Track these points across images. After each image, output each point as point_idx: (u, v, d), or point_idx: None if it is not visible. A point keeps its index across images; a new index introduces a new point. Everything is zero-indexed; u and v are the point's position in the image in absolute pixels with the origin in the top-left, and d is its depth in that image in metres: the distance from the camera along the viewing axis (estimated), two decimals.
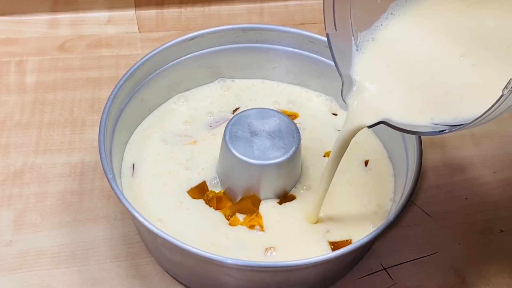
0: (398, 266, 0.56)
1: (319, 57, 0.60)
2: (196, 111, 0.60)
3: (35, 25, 0.71)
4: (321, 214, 0.53)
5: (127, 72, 0.56)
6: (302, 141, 0.54)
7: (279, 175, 0.53)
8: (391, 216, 0.48)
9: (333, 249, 0.51)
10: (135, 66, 0.56)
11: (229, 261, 0.46)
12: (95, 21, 0.72)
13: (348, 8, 0.48)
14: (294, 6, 0.75)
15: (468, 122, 0.39)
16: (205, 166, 0.56)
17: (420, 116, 0.44)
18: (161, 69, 0.59)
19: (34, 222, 0.56)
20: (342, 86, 0.47)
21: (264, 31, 0.60)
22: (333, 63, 0.59)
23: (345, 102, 0.47)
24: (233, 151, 0.52)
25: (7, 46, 0.69)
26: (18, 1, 0.71)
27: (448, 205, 0.60)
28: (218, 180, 0.55)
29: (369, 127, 0.46)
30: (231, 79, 0.62)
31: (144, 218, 0.47)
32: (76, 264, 0.54)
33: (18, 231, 0.56)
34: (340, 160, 0.49)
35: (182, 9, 0.74)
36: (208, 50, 0.60)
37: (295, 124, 0.54)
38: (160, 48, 0.58)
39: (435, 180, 0.62)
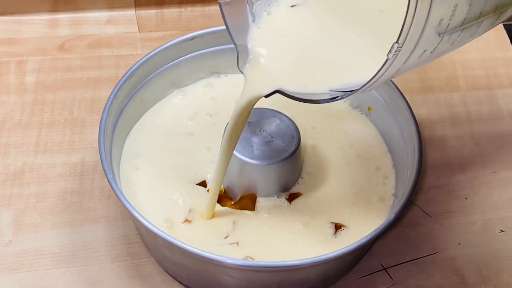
0: (398, 266, 0.56)
1: None
2: (197, 105, 0.60)
3: (35, 25, 0.71)
4: (324, 212, 0.53)
5: (127, 72, 0.56)
6: (302, 139, 0.54)
7: (279, 175, 0.53)
8: (391, 216, 0.48)
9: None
10: (135, 66, 0.56)
11: (229, 261, 0.46)
12: (95, 21, 0.72)
13: None
14: None
15: (359, 87, 0.39)
16: (206, 163, 0.56)
17: (316, 84, 0.44)
18: (161, 69, 0.59)
19: (34, 222, 0.56)
20: (237, 57, 0.47)
21: None
22: None
23: (241, 72, 0.47)
24: (237, 153, 0.52)
25: (7, 46, 0.69)
26: (18, 1, 0.71)
27: (448, 205, 0.60)
28: None
29: (266, 96, 0.46)
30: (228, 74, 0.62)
31: (144, 218, 0.47)
32: (76, 264, 0.54)
33: (18, 231, 0.56)
34: (238, 135, 0.49)
35: (182, 9, 0.74)
36: (208, 50, 0.60)
37: (295, 124, 0.54)
38: (160, 48, 0.58)
39: (435, 180, 0.62)
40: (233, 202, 0.54)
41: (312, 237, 0.52)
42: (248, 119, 0.54)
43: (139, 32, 0.72)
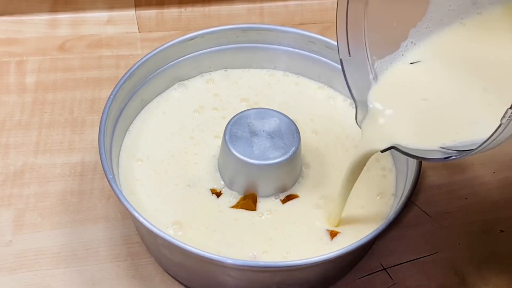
0: (398, 266, 0.56)
1: (319, 57, 0.60)
2: (199, 98, 0.60)
3: (35, 25, 0.71)
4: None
5: (127, 72, 0.56)
6: (302, 138, 0.54)
7: (279, 174, 0.53)
8: (391, 216, 0.48)
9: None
10: (135, 66, 0.56)
11: (229, 261, 0.46)
12: (95, 21, 0.72)
13: (363, 32, 0.48)
14: (294, 6, 0.75)
15: (473, 148, 0.39)
16: (207, 159, 0.56)
17: (429, 141, 0.45)
18: (161, 69, 0.59)
19: (34, 222, 0.56)
20: (356, 111, 0.48)
21: (264, 31, 0.60)
22: (333, 63, 0.60)
23: (359, 126, 0.48)
24: (233, 151, 0.52)
25: (7, 46, 0.69)
26: (18, 1, 0.71)
27: (448, 205, 0.60)
28: (219, 174, 0.55)
29: (382, 151, 0.47)
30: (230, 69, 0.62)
31: (144, 218, 0.47)
32: (76, 264, 0.54)
33: (18, 231, 0.56)
34: (354, 182, 0.50)
35: (182, 9, 0.74)
36: (208, 50, 0.60)
37: (295, 124, 0.54)
38: (160, 48, 0.58)
39: (435, 180, 0.62)
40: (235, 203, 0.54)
41: (312, 237, 0.52)
42: (248, 120, 0.54)
43: (139, 32, 0.72)
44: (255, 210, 0.53)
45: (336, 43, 0.49)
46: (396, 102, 0.48)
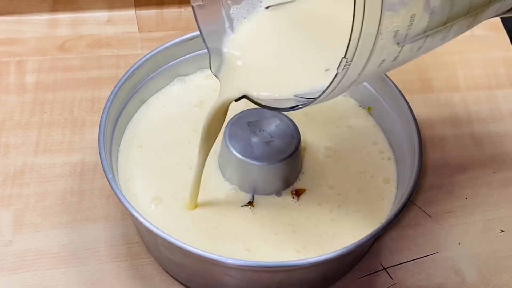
0: (398, 266, 0.56)
1: None
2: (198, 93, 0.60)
3: (35, 25, 0.71)
4: (328, 210, 0.53)
5: (127, 72, 0.56)
6: (302, 136, 0.54)
7: (279, 174, 0.53)
8: (391, 216, 0.48)
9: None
10: (135, 66, 0.56)
11: (229, 261, 0.46)
12: (95, 21, 0.72)
13: None
14: None
15: (316, 96, 0.39)
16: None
17: (282, 90, 0.45)
18: (161, 69, 0.59)
19: (34, 222, 0.56)
20: (209, 60, 0.48)
21: None
22: None
23: (216, 76, 0.48)
24: (233, 151, 0.52)
25: (7, 46, 0.69)
26: (18, 1, 0.71)
27: (448, 205, 0.60)
28: (220, 171, 0.55)
29: (236, 101, 0.46)
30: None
31: (144, 218, 0.47)
32: (76, 264, 0.54)
33: (18, 231, 0.56)
34: (214, 137, 0.49)
35: (182, 9, 0.74)
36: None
37: (295, 124, 0.54)
38: (160, 48, 0.58)
39: (435, 180, 0.62)
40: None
41: (312, 235, 0.52)
42: (248, 119, 0.54)
43: (139, 32, 0.72)
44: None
45: None
46: (250, 51, 0.47)
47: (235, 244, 0.51)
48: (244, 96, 0.46)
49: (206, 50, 0.59)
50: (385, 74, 0.57)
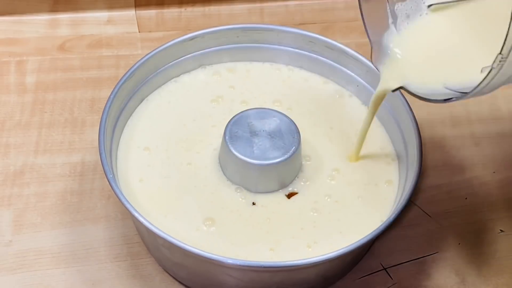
0: (398, 266, 0.56)
1: (319, 57, 0.60)
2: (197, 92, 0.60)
3: (35, 25, 0.71)
4: (329, 205, 0.54)
5: (127, 72, 0.56)
6: (303, 137, 0.54)
7: (278, 174, 0.53)
8: (391, 216, 0.48)
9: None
10: (135, 66, 0.56)
11: (229, 261, 0.46)
12: (95, 21, 0.72)
13: None
14: (294, 6, 0.75)
15: (469, 91, 0.41)
16: (208, 154, 0.56)
17: (435, 81, 0.47)
18: (161, 69, 0.59)
19: (34, 222, 0.56)
20: (371, 52, 0.51)
21: (264, 31, 0.60)
22: (333, 63, 0.60)
23: (376, 68, 0.51)
24: (233, 151, 0.52)
25: (7, 46, 0.69)
26: (18, 1, 0.71)
27: (448, 205, 0.60)
28: (220, 168, 0.55)
29: (393, 91, 0.50)
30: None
31: (144, 218, 0.47)
32: (76, 264, 0.54)
33: (18, 231, 0.56)
34: (375, 112, 0.53)
35: (182, 9, 0.74)
36: (208, 50, 0.61)
37: (295, 124, 0.54)
38: (160, 48, 0.58)
39: (435, 180, 0.62)
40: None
41: (312, 234, 0.52)
42: (248, 119, 0.54)
43: (139, 32, 0.72)
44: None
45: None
46: (412, 50, 0.50)
47: (257, 245, 0.51)
48: (401, 87, 0.49)
49: (205, 50, 0.61)
50: None
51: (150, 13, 0.73)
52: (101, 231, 0.56)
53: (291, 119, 0.54)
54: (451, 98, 0.43)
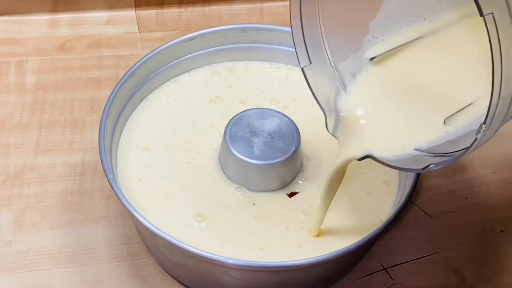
0: (398, 266, 0.56)
1: None
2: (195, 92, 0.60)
3: (35, 25, 0.71)
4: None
5: (127, 72, 0.56)
6: (303, 137, 0.54)
7: (278, 174, 0.53)
8: (391, 216, 0.48)
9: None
10: (135, 66, 0.56)
11: (229, 261, 0.46)
12: (95, 21, 0.72)
13: (320, 35, 0.47)
14: None
15: (448, 158, 0.40)
16: (208, 153, 0.56)
17: (405, 146, 0.45)
18: (161, 69, 0.59)
19: (34, 222, 0.56)
20: (326, 120, 0.48)
21: (264, 31, 0.60)
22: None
23: (334, 136, 0.48)
24: (233, 151, 0.52)
25: (7, 46, 0.69)
26: (18, 1, 0.71)
27: (448, 205, 0.60)
28: (221, 167, 0.55)
29: (358, 160, 0.46)
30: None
31: (144, 218, 0.47)
32: (76, 264, 0.54)
33: (18, 231, 0.56)
34: (334, 193, 0.49)
35: (182, 9, 0.74)
36: (208, 50, 0.61)
37: (295, 124, 0.54)
38: (160, 48, 0.58)
39: (435, 180, 0.62)
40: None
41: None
42: (248, 120, 0.54)
43: (139, 32, 0.72)
44: None
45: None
46: (369, 109, 0.47)
47: (247, 244, 0.51)
48: (368, 156, 0.46)
49: (205, 50, 0.61)
50: None
51: (150, 13, 0.73)
52: (101, 231, 0.56)
53: (291, 119, 0.54)
54: (428, 166, 0.41)
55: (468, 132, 0.41)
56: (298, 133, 0.54)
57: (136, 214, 0.47)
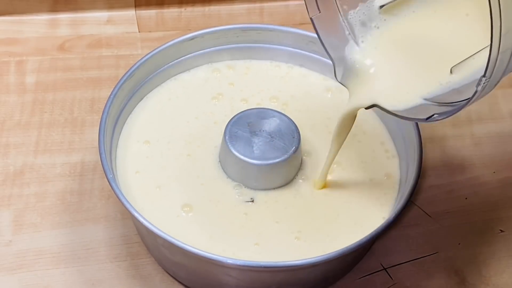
0: (398, 266, 0.56)
1: (319, 57, 0.60)
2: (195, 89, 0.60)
3: (35, 25, 0.71)
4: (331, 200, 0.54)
5: (127, 72, 0.56)
6: (302, 133, 0.54)
7: (278, 173, 0.53)
8: (391, 216, 0.48)
9: None
10: (135, 66, 0.56)
11: (229, 261, 0.46)
12: (95, 21, 0.72)
13: None
14: (294, 6, 0.75)
15: (452, 108, 0.40)
16: (208, 149, 0.56)
17: (412, 93, 0.45)
18: (161, 69, 0.59)
19: (34, 222, 0.56)
20: (334, 69, 0.48)
21: (264, 31, 0.60)
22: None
23: (342, 84, 0.48)
24: (233, 151, 0.52)
25: (7, 46, 0.69)
26: (18, 1, 0.71)
27: (448, 205, 0.60)
28: (220, 165, 0.55)
29: (366, 108, 0.47)
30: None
31: (144, 218, 0.47)
32: (76, 264, 0.54)
33: (18, 231, 0.56)
34: (342, 142, 0.50)
35: (182, 9, 0.74)
36: (208, 50, 0.61)
37: (295, 124, 0.54)
38: (160, 48, 0.58)
39: (435, 180, 0.62)
40: None
41: (312, 232, 0.52)
42: (248, 119, 0.54)
43: (139, 32, 0.72)
44: None
45: None
46: (380, 59, 0.48)
47: (243, 240, 0.51)
48: (375, 105, 0.46)
49: (205, 50, 0.61)
50: None
51: (150, 13, 0.73)
52: (101, 231, 0.56)
53: (291, 119, 0.54)
54: (432, 116, 0.42)
55: (473, 81, 0.41)
56: (298, 133, 0.54)
57: (136, 214, 0.47)
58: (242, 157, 0.52)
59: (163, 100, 0.59)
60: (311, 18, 0.48)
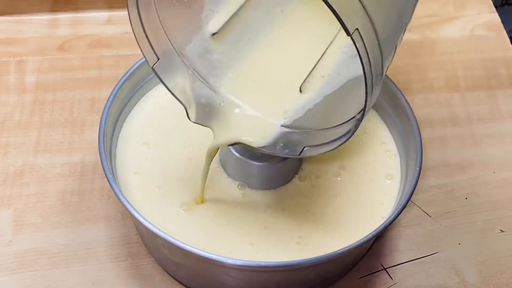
0: (398, 266, 0.56)
1: None
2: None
3: (35, 25, 0.71)
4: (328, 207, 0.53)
5: (127, 72, 0.56)
6: None
7: (278, 173, 0.53)
8: (391, 216, 0.48)
9: None
10: (135, 66, 0.56)
11: (229, 261, 0.46)
12: (95, 21, 0.72)
13: (161, 27, 0.46)
14: None
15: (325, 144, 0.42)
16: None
17: (271, 125, 0.46)
18: None
19: (34, 222, 0.57)
20: (186, 112, 0.48)
21: None
22: None
23: (198, 123, 0.49)
24: (233, 151, 0.52)
25: (7, 46, 0.69)
26: (18, 1, 0.71)
27: (448, 205, 0.60)
28: (220, 165, 0.55)
29: (229, 146, 0.48)
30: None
31: (144, 218, 0.47)
32: (76, 264, 0.54)
33: (18, 231, 0.56)
34: (209, 165, 0.51)
35: None
36: None
37: None
38: None
39: (435, 180, 0.62)
40: None
41: (312, 231, 0.52)
42: None
43: None
44: None
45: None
46: (230, 94, 0.48)
47: (239, 239, 0.51)
48: (238, 142, 0.47)
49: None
50: (385, 75, 0.56)
51: None
52: (101, 231, 0.56)
53: None
54: (303, 149, 0.44)
55: (323, 98, 0.43)
56: None
57: (136, 215, 0.47)
58: (242, 157, 0.52)
59: (162, 100, 0.59)
60: (152, 68, 0.47)
